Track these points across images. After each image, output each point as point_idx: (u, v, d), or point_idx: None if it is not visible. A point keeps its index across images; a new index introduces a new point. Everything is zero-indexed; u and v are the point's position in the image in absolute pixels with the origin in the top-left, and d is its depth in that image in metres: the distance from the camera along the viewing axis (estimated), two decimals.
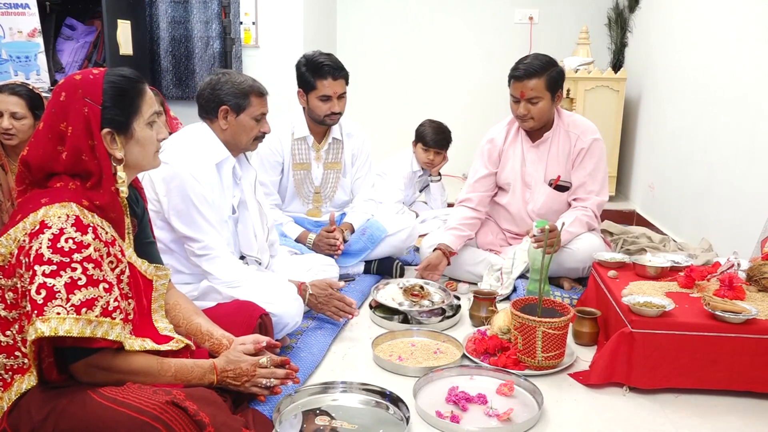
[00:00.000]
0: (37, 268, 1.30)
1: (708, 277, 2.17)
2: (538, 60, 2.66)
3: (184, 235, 2.04)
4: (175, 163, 2.01)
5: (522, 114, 2.69)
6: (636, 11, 4.39)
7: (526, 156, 2.83)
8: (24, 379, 1.39)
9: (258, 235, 2.24)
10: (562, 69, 2.72)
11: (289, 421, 1.74)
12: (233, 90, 2.11)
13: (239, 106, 2.12)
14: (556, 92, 2.68)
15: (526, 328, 2.01)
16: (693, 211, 3.22)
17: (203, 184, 2.03)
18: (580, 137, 2.75)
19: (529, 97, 2.64)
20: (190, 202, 2.01)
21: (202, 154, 2.08)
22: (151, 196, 2.03)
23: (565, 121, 2.79)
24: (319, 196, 3.00)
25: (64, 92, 1.43)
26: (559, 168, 2.79)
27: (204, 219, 2.04)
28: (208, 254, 2.05)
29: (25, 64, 3.40)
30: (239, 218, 2.20)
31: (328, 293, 2.30)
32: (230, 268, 2.08)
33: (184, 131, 2.19)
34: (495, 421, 1.77)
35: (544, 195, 2.82)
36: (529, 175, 2.84)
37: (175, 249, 2.10)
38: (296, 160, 2.90)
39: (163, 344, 1.51)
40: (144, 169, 1.58)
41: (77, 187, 1.41)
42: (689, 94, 3.34)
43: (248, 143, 2.18)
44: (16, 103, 2.58)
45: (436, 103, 5.14)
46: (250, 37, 4.34)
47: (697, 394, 1.94)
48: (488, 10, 5.05)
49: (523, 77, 2.64)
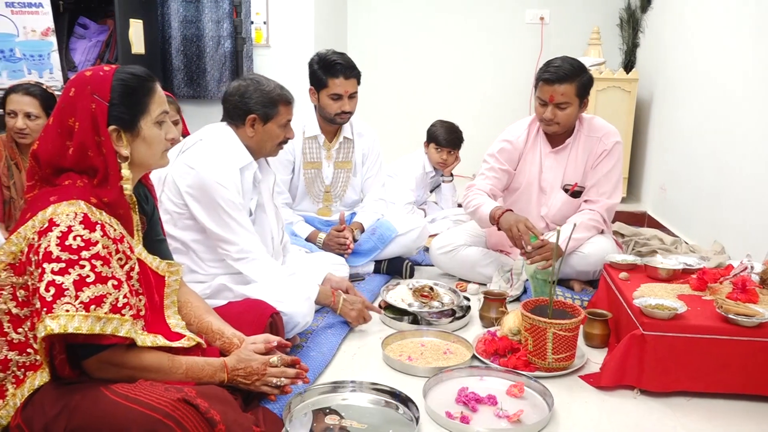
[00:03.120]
0: (46, 266, 1.31)
1: (720, 279, 2.16)
2: (569, 64, 2.58)
3: (219, 239, 2.05)
4: (200, 170, 2.02)
5: (548, 118, 2.62)
6: (648, 11, 4.36)
7: (543, 161, 2.78)
8: (36, 375, 1.40)
9: (274, 237, 2.25)
10: (591, 75, 2.65)
11: (299, 419, 1.75)
12: (262, 99, 2.10)
13: (267, 115, 2.11)
14: (584, 98, 2.63)
15: (536, 330, 2.01)
16: (705, 213, 3.20)
17: (230, 189, 2.03)
18: (602, 140, 2.70)
19: (558, 102, 2.58)
20: (219, 208, 2.02)
21: (227, 159, 2.07)
22: (174, 199, 2.04)
23: (586, 126, 2.74)
24: (330, 195, 3.00)
25: (73, 88, 1.43)
26: (577, 174, 2.75)
27: (236, 223, 2.04)
28: (246, 257, 2.06)
29: (39, 62, 3.42)
30: (256, 221, 2.21)
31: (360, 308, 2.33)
32: (268, 270, 2.09)
33: (208, 134, 2.15)
34: (505, 422, 1.77)
35: (560, 201, 2.78)
36: (545, 181, 2.79)
37: (194, 248, 2.11)
38: (307, 158, 2.91)
39: (175, 341, 1.51)
40: (151, 168, 1.57)
41: (85, 185, 1.42)
42: (702, 95, 3.32)
43: (272, 150, 2.19)
44: (30, 103, 2.61)
45: (447, 103, 5.13)
46: (261, 36, 4.35)
47: (708, 397, 1.92)
48: (499, 11, 5.04)
49: (554, 81, 2.56)
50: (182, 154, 2.08)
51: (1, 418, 1.40)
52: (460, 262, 2.90)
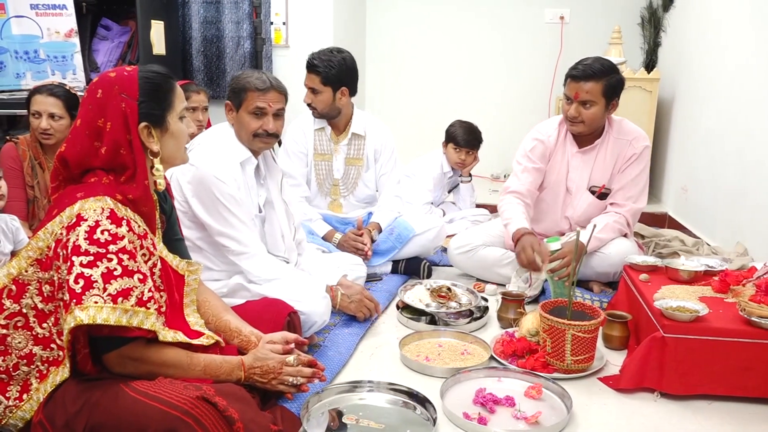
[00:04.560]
0: (75, 259, 1.33)
1: (743, 281, 2.12)
2: (599, 63, 2.57)
3: (219, 234, 2.07)
4: (199, 165, 2.04)
5: (572, 116, 2.61)
6: (670, 10, 4.31)
7: (571, 161, 2.76)
8: (58, 371, 1.43)
9: (285, 234, 2.26)
10: (622, 78, 2.62)
11: (317, 419, 1.75)
12: (234, 86, 2.15)
13: (238, 102, 2.14)
14: (612, 100, 2.59)
15: (555, 331, 1.99)
16: (727, 214, 3.15)
17: (228, 183, 2.05)
18: (632, 143, 2.68)
19: (583, 99, 2.56)
20: (218, 203, 2.04)
21: (225, 154, 2.10)
22: (178, 197, 2.07)
23: (615, 128, 2.71)
24: (338, 189, 3.01)
25: (100, 89, 1.46)
26: (604, 176, 2.72)
27: (236, 218, 2.06)
28: (245, 253, 2.08)
29: (62, 63, 3.48)
30: (266, 218, 2.22)
31: (359, 298, 2.33)
32: (267, 266, 2.10)
33: (210, 131, 2.22)
34: (523, 424, 1.76)
35: (586, 202, 2.76)
36: (572, 181, 2.77)
37: (204, 247, 2.13)
38: (317, 150, 2.95)
39: (195, 339, 1.53)
40: (176, 163, 1.61)
41: (111, 182, 1.44)
42: (724, 95, 3.27)
43: (249, 141, 2.14)
44: (54, 104, 2.65)
45: (466, 104, 5.11)
46: (280, 37, 4.38)
47: (730, 401, 1.90)
48: (519, 10, 5.01)
49: (580, 78, 2.56)
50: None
51: (25, 412, 1.42)
52: (478, 262, 2.89)
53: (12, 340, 1.42)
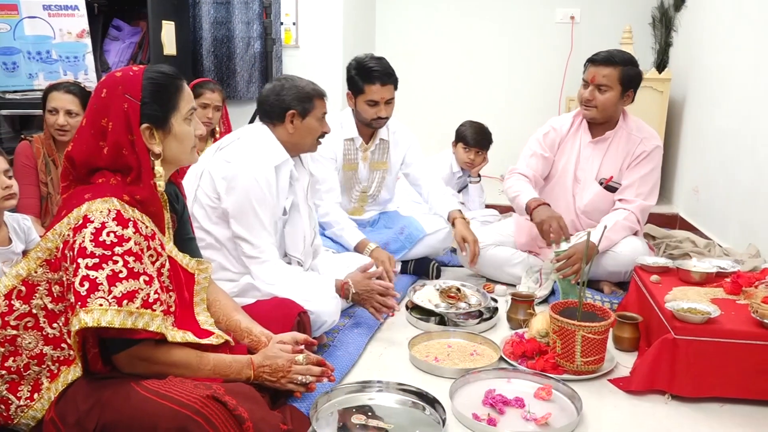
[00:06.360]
0: (81, 261, 1.34)
1: (756, 283, 2.11)
2: (619, 52, 2.66)
3: (237, 235, 2.08)
4: (237, 163, 2.06)
5: (587, 99, 2.67)
6: (682, 10, 4.28)
7: (582, 151, 2.79)
8: (70, 370, 1.44)
9: (306, 237, 2.27)
10: (640, 72, 2.69)
11: (326, 418, 1.75)
12: (298, 95, 2.17)
13: (305, 110, 2.18)
14: (628, 90, 2.65)
15: (565, 332, 1.98)
16: (739, 215, 3.13)
17: (263, 186, 2.07)
18: (644, 141, 2.71)
19: (599, 83, 2.62)
20: (248, 204, 2.05)
21: (263, 156, 2.11)
22: (209, 193, 2.08)
23: (629, 125, 2.75)
24: (365, 196, 3.02)
25: (105, 89, 1.46)
26: (614, 168, 2.74)
27: (259, 222, 2.07)
28: (259, 257, 2.09)
29: (74, 64, 3.50)
30: (289, 220, 2.23)
31: (370, 288, 2.29)
32: (276, 273, 2.10)
33: (245, 133, 2.21)
34: (533, 425, 1.75)
35: (593, 193, 2.77)
36: (581, 170, 2.79)
37: (227, 246, 2.13)
38: (346, 160, 2.92)
39: (204, 338, 1.53)
40: (181, 164, 1.61)
41: (118, 183, 1.44)
42: (736, 95, 3.25)
43: (312, 144, 2.25)
44: (71, 101, 2.69)
45: (475, 104, 5.10)
46: (290, 37, 4.39)
47: (742, 404, 1.88)
48: (529, 10, 4.99)
49: (599, 62, 2.64)
50: (219, 152, 2.14)
51: (36, 411, 1.43)
52: (488, 262, 2.88)
53: (22, 340, 1.43)
